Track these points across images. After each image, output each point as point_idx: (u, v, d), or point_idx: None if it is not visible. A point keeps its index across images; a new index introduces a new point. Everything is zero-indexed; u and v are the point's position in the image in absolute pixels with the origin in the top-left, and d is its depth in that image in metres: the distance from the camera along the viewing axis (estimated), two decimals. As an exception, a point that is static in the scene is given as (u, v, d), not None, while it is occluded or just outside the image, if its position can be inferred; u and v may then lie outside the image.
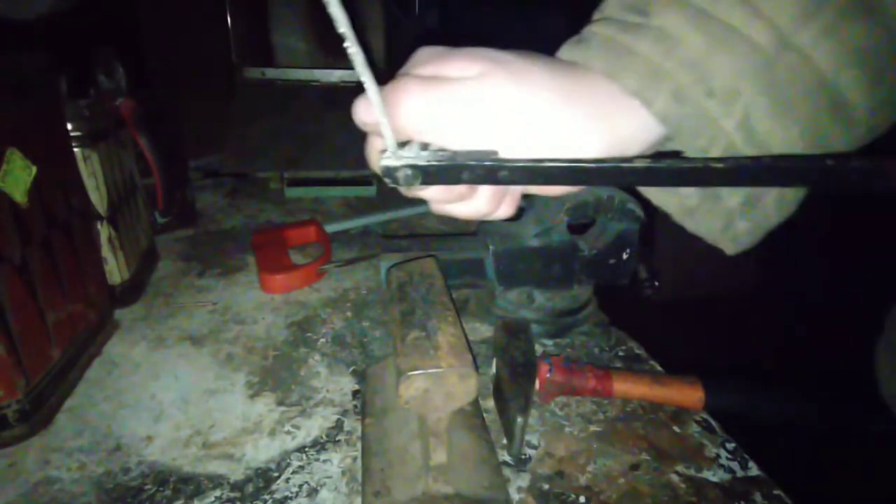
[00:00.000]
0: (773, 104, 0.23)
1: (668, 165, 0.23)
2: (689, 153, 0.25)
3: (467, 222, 0.87)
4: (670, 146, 0.27)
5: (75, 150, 0.57)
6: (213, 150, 1.19)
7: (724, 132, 0.24)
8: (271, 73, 1.28)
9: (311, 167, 1.15)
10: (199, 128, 1.12)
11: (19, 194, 0.46)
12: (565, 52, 0.27)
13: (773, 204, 0.26)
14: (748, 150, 0.24)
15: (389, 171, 0.26)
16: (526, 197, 0.37)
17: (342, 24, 0.21)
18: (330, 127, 1.22)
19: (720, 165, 0.22)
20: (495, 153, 0.26)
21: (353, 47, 0.22)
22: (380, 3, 1.34)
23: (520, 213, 0.64)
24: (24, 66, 0.50)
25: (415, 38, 1.33)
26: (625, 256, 0.61)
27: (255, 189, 1.12)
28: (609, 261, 0.61)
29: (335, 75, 1.29)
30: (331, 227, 0.87)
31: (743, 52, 0.23)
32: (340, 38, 0.21)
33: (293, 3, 1.31)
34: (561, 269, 0.61)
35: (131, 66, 0.74)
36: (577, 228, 0.61)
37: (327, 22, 0.21)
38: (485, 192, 0.29)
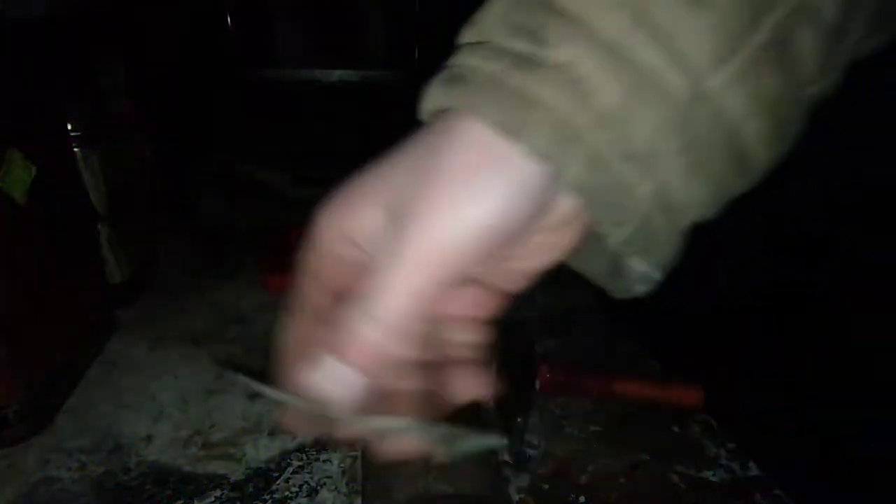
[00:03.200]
0: (690, 164, 0.20)
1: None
2: (600, 228, 0.21)
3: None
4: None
5: (75, 150, 0.57)
6: (214, 150, 1.19)
7: (638, 203, 0.20)
8: (271, 73, 1.28)
9: (312, 167, 1.15)
10: (199, 128, 1.12)
11: (19, 194, 0.46)
12: (435, 94, 0.21)
13: (666, 236, 0.21)
14: (660, 222, 0.20)
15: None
16: None
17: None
18: (331, 127, 1.22)
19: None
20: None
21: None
22: (380, 3, 1.34)
23: None
24: (24, 66, 0.50)
25: (415, 35, 1.33)
26: (625, 256, 0.61)
27: (255, 189, 1.12)
28: (609, 261, 0.61)
29: (335, 75, 1.29)
30: (331, 227, 0.87)
31: (660, 102, 0.19)
32: (342, 41, 0.21)
33: (293, 3, 1.31)
34: (561, 269, 0.61)
35: (131, 66, 0.74)
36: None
37: (327, 22, 0.20)
38: None
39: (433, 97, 0.21)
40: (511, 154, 0.19)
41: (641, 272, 0.23)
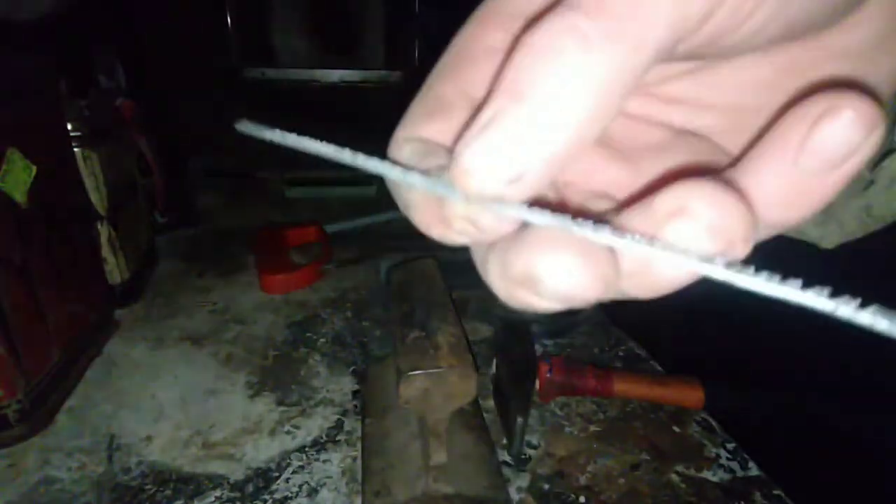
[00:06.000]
0: None
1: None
2: None
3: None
4: None
5: (75, 150, 0.57)
6: (213, 150, 1.19)
7: None
8: (271, 73, 1.28)
9: (311, 167, 1.15)
10: (199, 128, 1.12)
11: (19, 194, 0.46)
12: None
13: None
14: None
15: None
16: None
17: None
18: (330, 127, 1.22)
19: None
20: None
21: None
22: (380, 3, 1.34)
23: None
24: (24, 66, 0.50)
25: (415, 35, 1.33)
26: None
27: (255, 189, 1.12)
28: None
29: (335, 75, 1.29)
30: (331, 227, 0.87)
31: None
32: (342, 41, 0.20)
33: (293, 3, 1.31)
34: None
35: (131, 66, 0.74)
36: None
37: (327, 22, 0.20)
38: None
39: None
40: None
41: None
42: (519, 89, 0.10)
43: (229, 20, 1.23)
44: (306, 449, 0.46)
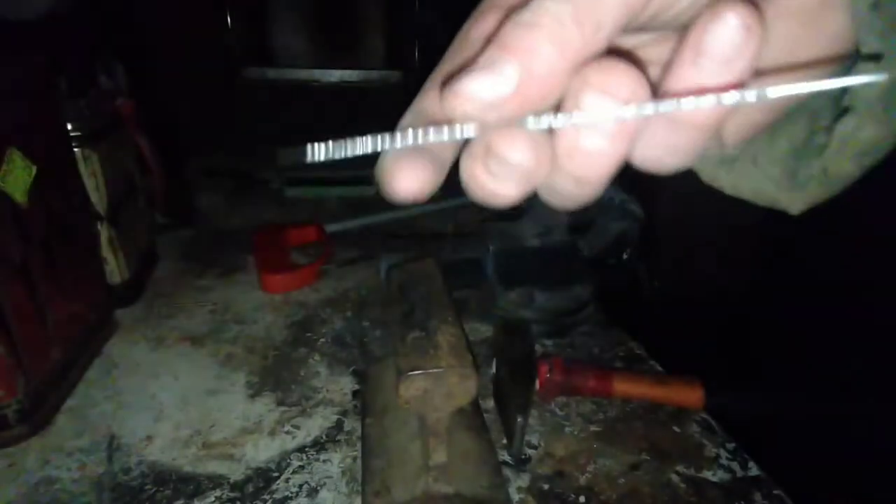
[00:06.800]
0: None
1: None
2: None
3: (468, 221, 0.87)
4: None
5: (75, 150, 0.57)
6: (213, 150, 1.19)
7: None
8: (271, 73, 1.28)
9: (311, 167, 1.15)
10: (199, 128, 1.12)
11: (19, 194, 0.46)
12: None
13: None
14: None
15: None
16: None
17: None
18: (330, 127, 1.22)
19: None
20: None
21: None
22: (380, 3, 1.34)
23: (520, 213, 0.64)
24: (24, 66, 0.50)
25: (415, 35, 1.33)
26: (625, 256, 0.61)
27: (255, 189, 1.12)
28: (609, 261, 0.61)
29: (335, 75, 1.30)
30: (331, 227, 0.87)
31: None
32: (342, 41, 0.20)
33: (293, 3, 1.31)
34: (561, 269, 0.61)
35: (131, 66, 0.74)
36: (578, 228, 0.61)
37: (327, 22, 0.20)
38: None
39: None
40: None
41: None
42: (508, 45, 0.14)
43: (229, 20, 1.23)
44: (306, 449, 0.46)
